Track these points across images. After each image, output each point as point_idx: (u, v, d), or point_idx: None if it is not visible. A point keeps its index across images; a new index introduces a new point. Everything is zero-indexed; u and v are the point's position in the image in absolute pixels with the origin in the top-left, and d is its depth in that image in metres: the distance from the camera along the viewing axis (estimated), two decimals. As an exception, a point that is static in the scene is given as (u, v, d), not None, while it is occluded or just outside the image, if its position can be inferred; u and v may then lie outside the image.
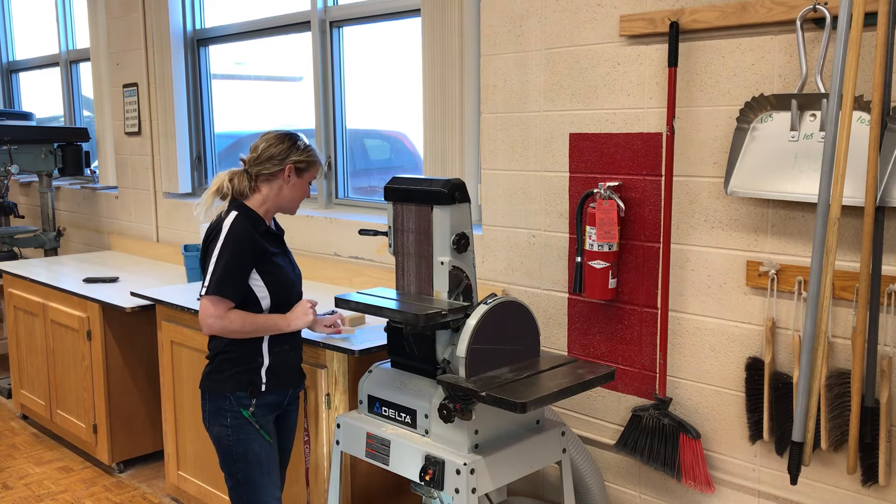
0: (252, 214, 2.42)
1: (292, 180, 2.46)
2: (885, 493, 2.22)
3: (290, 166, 2.43)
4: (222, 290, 2.32)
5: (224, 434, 2.43)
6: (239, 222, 2.36)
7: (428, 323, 2.24)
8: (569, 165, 2.79)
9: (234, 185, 2.44)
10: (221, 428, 2.44)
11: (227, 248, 2.33)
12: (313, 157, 2.49)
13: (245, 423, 2.43)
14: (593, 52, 2.68)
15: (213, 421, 2.46)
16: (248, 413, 2.42)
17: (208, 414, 2.47)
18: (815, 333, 2.04)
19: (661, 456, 2.58)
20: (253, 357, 2.44)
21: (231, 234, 2.34)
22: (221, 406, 2.43)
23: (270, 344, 2.46)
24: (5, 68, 6.81)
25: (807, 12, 2.17)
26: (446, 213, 2.34)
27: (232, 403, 2.42)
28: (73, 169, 5.33)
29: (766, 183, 2.26)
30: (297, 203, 2.52)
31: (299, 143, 2.46)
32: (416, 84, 3.33)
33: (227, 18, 4.53)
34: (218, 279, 2.32)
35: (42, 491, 3.75)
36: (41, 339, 4.24)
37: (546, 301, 2.92)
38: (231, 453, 2.44)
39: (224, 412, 2.43)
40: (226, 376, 2.43)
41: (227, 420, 2.42)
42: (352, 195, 4.01)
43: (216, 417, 2.45)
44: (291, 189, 2.47)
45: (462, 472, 2.18)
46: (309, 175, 2.50)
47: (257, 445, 2.44)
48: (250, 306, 2.40)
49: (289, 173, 2.44)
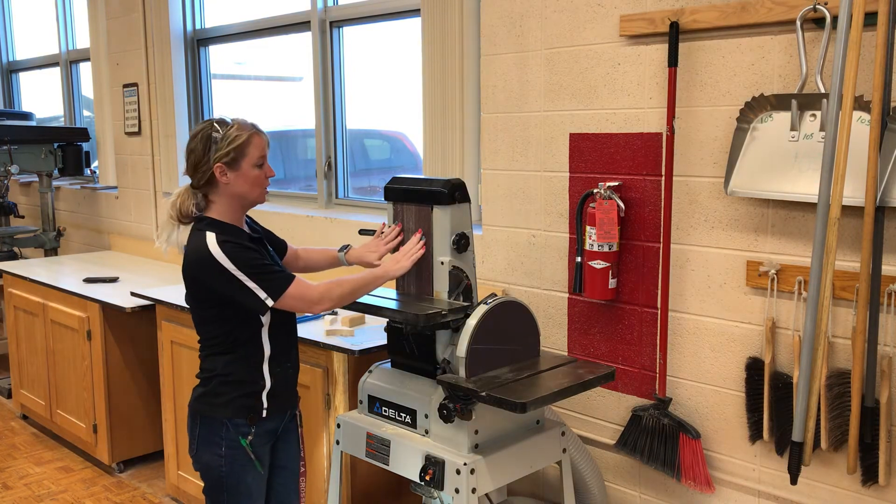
0: (225, 226, 2.18)
1: (231, 176, 2.16)
2: (885, 493, 2.22)
3: (217, 167, 2.14)
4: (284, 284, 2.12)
5: (216, 463, 2.24)
6: (220, 238, 2.13)
7: (428, 323, 2.24)
8: (569, 165, 2.79)
9: (184, 207, 2.20)
10: (214, 457, 2.23)
11: (239, 258, 2.11)
12: (239, 137, 2.14)
13: (241, 452, 2.24)
14: (593, 52, 2.68)
15: (203, 447, 2.25)
16: (245, 442, 2.23)
17: (199, 440, 2.25)
18: (815, 333, 2.04)
19: (661, 456, 2.58)
20: (254, 380, 2.25)
21: (228, 249, 2.11)
22: (216, 433, 2.23)
23: (271, 364, 2.27)
24: (5, 68, 6.81)
25: (807, 12, 2.17)
26: (446, 213, 2.34)
27: (229, 431, 2.23)
28: (73, 169, 5.33)
29: (766, 183, 2.26)
30: (258, 190, 2.21)
31: (214, 133, 2.14)
32: (416, 84, 3.33)
33: (227, 18, 4.54)
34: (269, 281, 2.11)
35: (42, 491, 3.75)
36: (41, 339, 4.24)
37: (546, 301, 2.92)
38: (221, 484, 2.25)
39: (218, 439, 2.23)
40: (224, 401, 2.23)
41: (222, 449, 2.23)
42: (352, 195, 4.01)
43: (208, 444, 2.24)
44: (238, 183, 2.17)
45: (462, 472, 2.18)
46: (248, 159, 2.16)
47: (250, 477, 2.27)
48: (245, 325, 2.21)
49: (221, 173, 2.15)
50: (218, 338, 2.25)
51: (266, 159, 2.23)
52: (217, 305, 2.20)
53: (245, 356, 2.25)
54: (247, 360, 2.25)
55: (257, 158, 2.18)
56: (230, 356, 2.25)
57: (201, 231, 2.16)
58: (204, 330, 2.29)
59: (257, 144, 2.18)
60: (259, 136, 2.20)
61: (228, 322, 2.21)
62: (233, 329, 2.22)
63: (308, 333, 2.83)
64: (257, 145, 2.18)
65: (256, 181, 2.20)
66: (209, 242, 2.12)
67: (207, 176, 2.17)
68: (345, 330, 2.83)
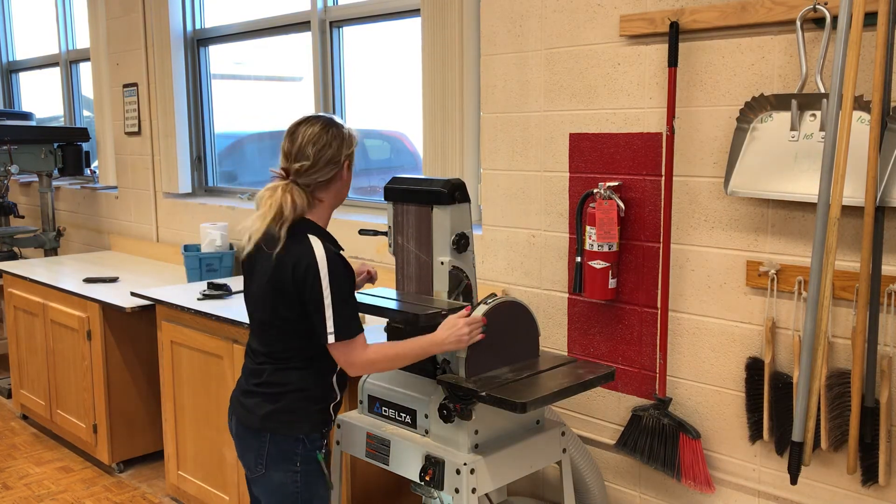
0: (329, 236, 2.15)
1: (346, 176, 2.17)
2: (885, 493, 2.22)
3: (346, 163, 2.14)
4: (353, 330, 2.07)
5: (290, 480, 2.14)
6: (331, 251, 2.07)
7: (428, 323, 2.24)
8: (569, 165, 2.79)
9: (297, 206, 2.08)
10: (288, 473, 2.14)
11: (335, 282, 2.04)
12: (355, 136, 2.18)
13: (315, 467, 2.17)
14: (593, 52, 2.68)
15: (276, 466, 2.14)
16: (321, 456, 2.17)
17: (269, 458, 2.14)
18: (815, 333, 2.04)
19: (661, 456, 2.58)
20: (326, 394, 2.20)
21: (333, 266, 2.04)
22: (291, 450, 2.14)
23: (339, 375, 2.23)
24: (5, 68, 6.81)
25: (807, 12, 2.17)
26: (446, 213, 2.34)
27: (306, 447, 2.15)
28: (73, 169, 5.33)
29: (766, 183, 2.26)
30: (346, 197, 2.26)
31: (344, 130, 2.15)
32: (416, 84, 3.33)
33: (226, 18, 4.54)
34: (346, 320, 2.05)
35: (42, 491, 3.75)
36: (41, 339, 4.24)
37: (546, 301, 2.92)
38: (295, 501, 2.17)
39: (293, 456, 2.14)
40: (301, 416, 2.15)
41: (297, 465, 2.14)
42: (352, 195, 4.01)
43: (281, 462, 2.14)
44: (347, 185, 2.19)
45: (462, 472, 2.18)
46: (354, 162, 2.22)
47: (322, 488, 2.21)
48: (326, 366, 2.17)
49: (345, 170, 2.16)
50: (295, 350, 2.15)
51: None
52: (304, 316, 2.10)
53: (319, 370, 2.18)
54: (321, 373, 2.19)
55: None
56: (306, 370, 2.16)
57: (305, 235, 2.07)
58: (280, 341, 2.16)
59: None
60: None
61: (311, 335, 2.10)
62: (312, 342, 2.11)
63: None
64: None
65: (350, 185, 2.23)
66: (317, 250, 2.05)
67: (334, 172, 2.12)
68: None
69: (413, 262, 2.46)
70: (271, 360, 2.18)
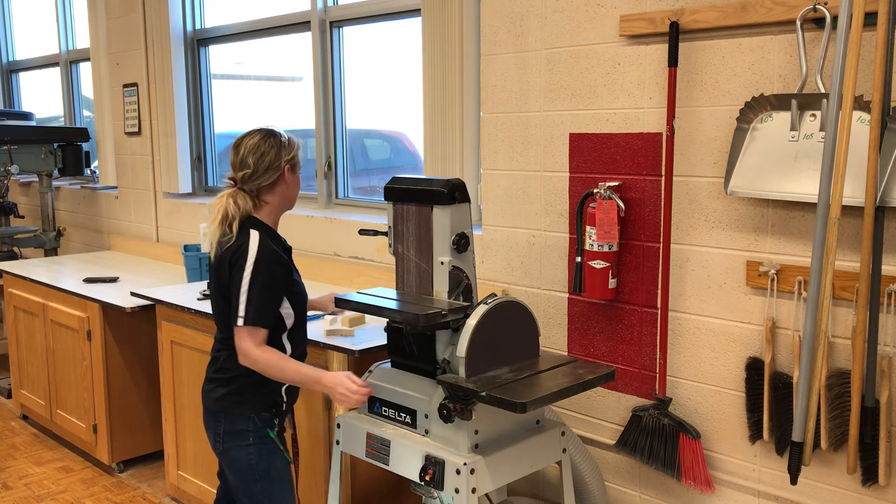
0: (271, 231, 2.35)
1: (289, 179, 2.37)
2: (885, 493, 2.22)
3: (286, 167, 2.34)
4: (258, 320, 2.24)
5: (245, 454, 2.34)
6: (265, 243, 2.27)
7: (428, 323, 2.24)
8: (569, 165, 2.79)
9: (240, 208, 2.30)
10: (242, 448, 2.33)
11: (259, 272, 2.23)
12: (294, 143, 2.38)
13: (269, 442, 2.36)
14: (593, 52, 2.68)
15: (230, 442, 2.35)
16: (273, 433, 2.36)
17: (224, 436, 2.35)
18: (815, 333, 2.04)
19: (661, 456, 2.58)
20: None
21: (262, 257, 2.24)
22: (243, 427, 2.34)
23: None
24: (5, 68, 6.81)
25: (807, 12, 2.17)
26: (446, 213, 2.34)
27: (256, 424, 2.34)
28: (73, 169, 5.33)
29: (766, 183, 2.26)
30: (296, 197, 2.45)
31: (282, 139, 2.35)
32: (416, 84, 3.33)
33: (227, 18, 4.54)
34: (256, 308, 2.22)
35: (42, 491, 3.75)
36: (41, 339, 4.24)
37: (546, 301, 2.92)
38: (253, 473, 2.34)
39: (245, 433, 2.34)
40: (248, 398, 2.35)
41: (250, 440, 2.34)
42: (352, 195, 4.01)
43: (235, 438, 2.34)
44: (293, 187, 2.40)
45: (462, 472, 2.18)
46: (300, 166, 2.41)
47: (279, 461, 2.38)
48: (275, 327, 2.31)
49: (286, 174, 2.35)
50: None
51: None
52: None
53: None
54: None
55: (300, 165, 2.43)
56: None
57: (248, 229, 2.29)
58: (229, 327, 2.33)
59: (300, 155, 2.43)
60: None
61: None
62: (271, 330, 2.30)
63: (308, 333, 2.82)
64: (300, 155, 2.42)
65: (299, 187, 2.44)
66: (252, 241, 2.26)
67: (275, 177, 2.33)
68: (345, 330, 2.83)
69: (413, 262, 2.46)
70: (225, 347, 2.38)
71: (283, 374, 2.26)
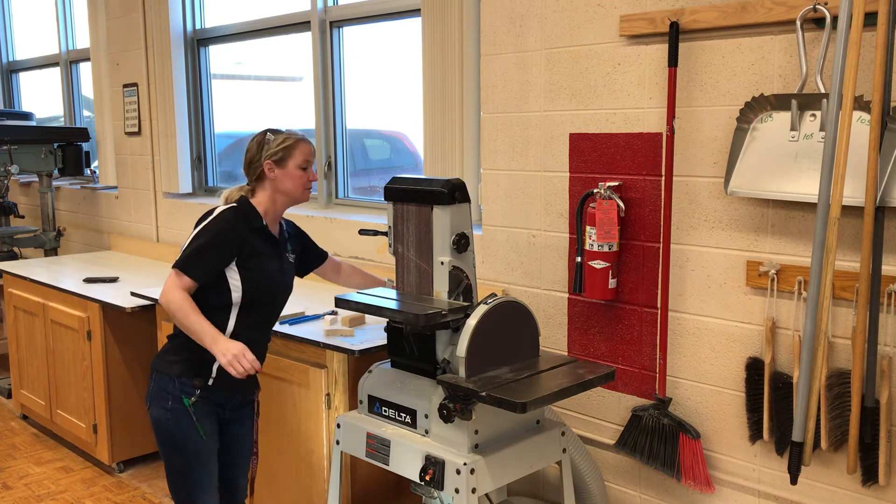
0: (250, 210, 2.44)
1: (277, 173, 2.45)
2: (885, 493, 2.22)
3: (266, 163, 2.44)
4: (186, 268, 2.33)
5: (164, 417, 2.41)
6: (229, 213, 2.40)
7: (428, 323, 2.24)
8: (569, 165, 2.79)
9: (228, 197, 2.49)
10: (161, 410, 2.41)
11: (207, 231, 2.37)
12: (288, 141, 2.45)
13: (184, 411, 2.40)
14: (593, 52, 2.68)
15: (154, 401, 2.44)
16: (188, 402, 2.40)
17: (151, 393, 2.46)
18: (815, 333, 2.04)
19: (661, 456, 2.58)
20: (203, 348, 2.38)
21: (216, 220, 2.38)
22: (165, 388, 2.42)
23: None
24: (5, 68, 6.81)
25: (807, 12, 2.17)
26: (446, 213, 2.34)
27: (175, 387, 2.41)
28: (73, 169, 5.33)
29: (766, 183, 2.26)
30: (299, 189, 2.49)
31: (269, 136, 2.47)
32: (416, 84, 3.33)
33: (227, 18, 4.54)
34: (186, 257, 2.35)
35: (42, 491, 3.75)
36: (41, 339, 4.24)
37: (546, 301, 2.92)
38: (171, 437, 2.42)
39: (166, 394, 2.41)
40: (177, 359, 2.43)
41: (168, 403, 2.41)
42: (352, 195, 4.01)
43: (157, 398, 2.43)
44: (283, 180, 2.46)
45: (462, 472, 2.18)
46: (294, 160, 2.45)
47: (195, 435, 2.42)
48: (217, 295, 2.38)
49: (269, 169, 2.44)
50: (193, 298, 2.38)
51: (311, 165, 2.51)
52: None
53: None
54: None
55: (302, 161, 2.47)
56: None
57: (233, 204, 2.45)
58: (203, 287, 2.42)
59: (302, 150, 2.47)
60: (306, 144, 2.49)
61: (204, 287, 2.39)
62: (206, 295, 2.38)
63: (308, 333, 2.83)
64: (302, 150, 2.47)
65: (297, 180, 2.47)
66: (224, 207, 2.43)
67: (258, 171, 2.46)
68: (345, 330, 2.83)
69: (413, 262, 2.46)
70: None
71: (187, 320, 2.30)
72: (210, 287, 2.38)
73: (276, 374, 2.93)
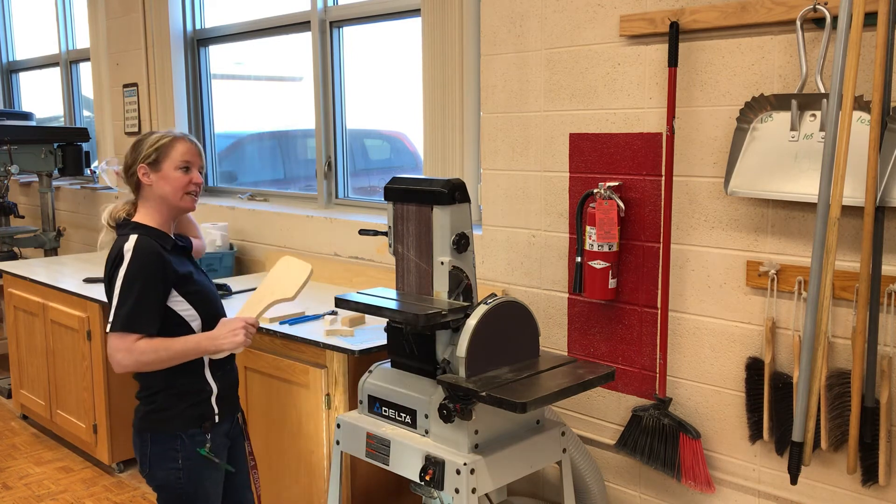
0: (153, 231, 2.20)
1: (153, 178, 2.21)
2: (885, 493, 2.22)
3: (140, 167, 2.21)
4: (132, 324, 2.08)
5: (174, 477, 2.20)
6: (143, 242, 2.14)
7: (428, 323, 2.24)
8: (569, 165, 2.79)
9: (115, 212, 2.27)
10: (170, 471, 2.19)
11: (135, 274, 2.10)
12: (163, 140, 2.22)
13: (200, 461, 2.22)
14: (593, 52, 2.68)
15: (158, 465, 2.20)
16: (205, 451, 2.21)
17: (151, 458, 2.20)
18: (815, 333, 2.04)
19: (661, 456, 2.58)
20: (200, 387, 2.24)
21: (137, 257, 2.11)
22: (171, 447, 2.19)
23: (212, 368, 2.26)
24: (5, 68, 6.81)
25: (807, 12, 2.17)
26: (446, 213, 2.34)
27: (185, 443, 2.19)
28: (73, 169, 5.33)
29: (766, 183, 2.26)
30: (179, 194, 2.22)
31: (142, 140, 2.25)
32: (416, 84, 3.33)
33: (227, 18, 4.54)
34: (127, 313, 2.08)
35: (42, 491, 3.75)
36: (41, 339, 4.24)
37: (546, 301, 2.92)
38: (181, 496, 2.22)
39: (174, 454, 2.19)
40: (173, 413, 2.19)
41: (178, 462, 2.19)
42: (352, 195, 4.01)
43: (163, 461, 2.19)
44: (160, 185, 2.21)
45: (462, 472, 2.18)
46: (170, 161, 2.21)
47: (208, 483, 2.26)
48: (177, 329, 2.16)
49: (144, 174, 2.21)
50: None
51: (193, 166, 2.26)
52: None
53: (185, 366, 2.18)
54: (187, 369, 2.20)
55: (179, 162, 2.22)
56: (171, 369, 2.17)
57: (125, 234, 2.18)
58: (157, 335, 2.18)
59: (180, 149, 2.23)
60: (183, 141, 2.25)
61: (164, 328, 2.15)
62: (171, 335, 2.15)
63: (308, 333, 2.83)
64: (180, 150, 2.23)
65: (178, 184, 2.23)
66: (129, 240, 2.15)
67: (134, 180, 2.24)
68: (345, 330, 2.83)
69: (413, 262, 2.46)
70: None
71: (172, 351, 2.10)
72: (166, 332, 2.14)
73: (276, 374, 2.93)
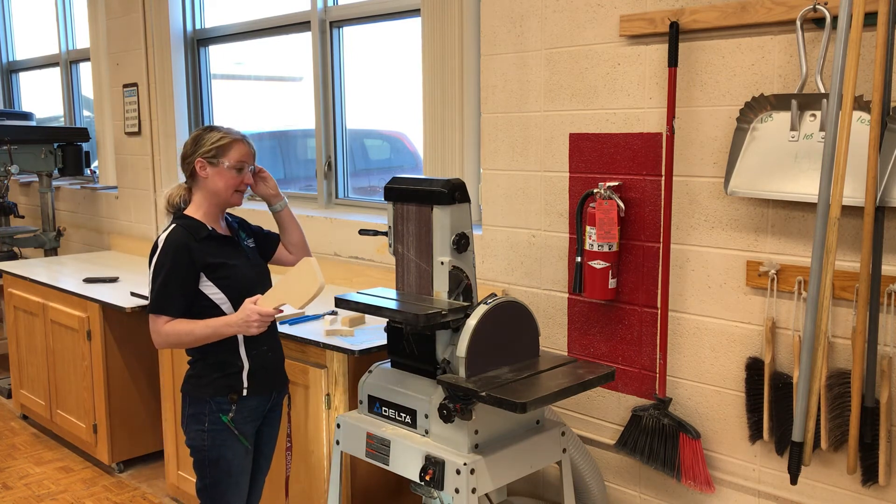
0: (191, 223, 2.39)
1: (209, 172, 2.37)
2: (885, 493, 2.22)
3: (198, 161, 2.37)
4: (160, 307, 2.33)
5: (199, 440, 2.41)
6: (175, 234, 2.35)
7: (428, 323, 2.24)
8: (569, 165, 2.79)
9: (172, 198, 2.45)
10: (198, 433, 2.41)
11: (163, 262, 2.33)
12: (223, 139, 2.37)
13: (223, 428, 2.40)
14: (593, 52, 2.68)
15: (190, 425, 2.44)
16: (227, 419, 2.40)
17: (187, 418, 2.45)
18: (815, 333, 2.04)
19: (661, 456, 2.58)
20: (233, 361, 2.42)
21: (166, 247, 2.34)
22: (201, 411, 2.41)
23: (247, 346, 2.42)
24: (5, 68, 6.81)
25: (807, 12, 2.17)
26: (446, 213, 2.34)
27: (212, 408, 2.40)
28: (73, 169, 5.33)
29: (766, 183, 2.26)
30: (230, 191, 2.40)
31: (204, 134, 2.40)
32: (416, 84, 3.33)
33: (227, 18, 4.54)
34: (156, 296, 2.34)
35: (42, 491, 3.75)
36: (41, 339, 4.24)
37: (546, 301, 2.92)
38: (204, 459, 2.42)
39: (202, 417, 2.40)
40: (206, 381, 2.41)
41: (206, 425, 2.40)
42: (352, 195, 4.01)
43: (194, 422, 2.42)
44: (214, 180, 2.38)
45: (462, 472, 2.18)
46: (227, 158, 2.37)
47: (230, 453, 2.42)
48: (209, 311, 2.36)
49: (201, 168, 2.37)
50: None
51: (247, 166, 2.42)
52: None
53: (222, 341, 2.37)
54: (222, 344, 2.39)
55: (236, 161, 2.39)
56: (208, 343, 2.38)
57: (168, 226, 2.40)
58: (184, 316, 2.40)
59: (238, 149, 2.39)
60: (242, 143, 2.41)
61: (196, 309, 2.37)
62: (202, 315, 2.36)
63: (308, 333, 2.83)
64: (238, 150, 2.39)
65: (231, 182, 2.40)
66: (164, 234, 2.37)
67: (190, 169, 2.40)
68: (345, 330, 2.83)
69: (413, 262, 2.46)
70: None
71: (195, 336, 2.32)
72: (198, 312, 2.36)
73: (276, 374, 2.93)
